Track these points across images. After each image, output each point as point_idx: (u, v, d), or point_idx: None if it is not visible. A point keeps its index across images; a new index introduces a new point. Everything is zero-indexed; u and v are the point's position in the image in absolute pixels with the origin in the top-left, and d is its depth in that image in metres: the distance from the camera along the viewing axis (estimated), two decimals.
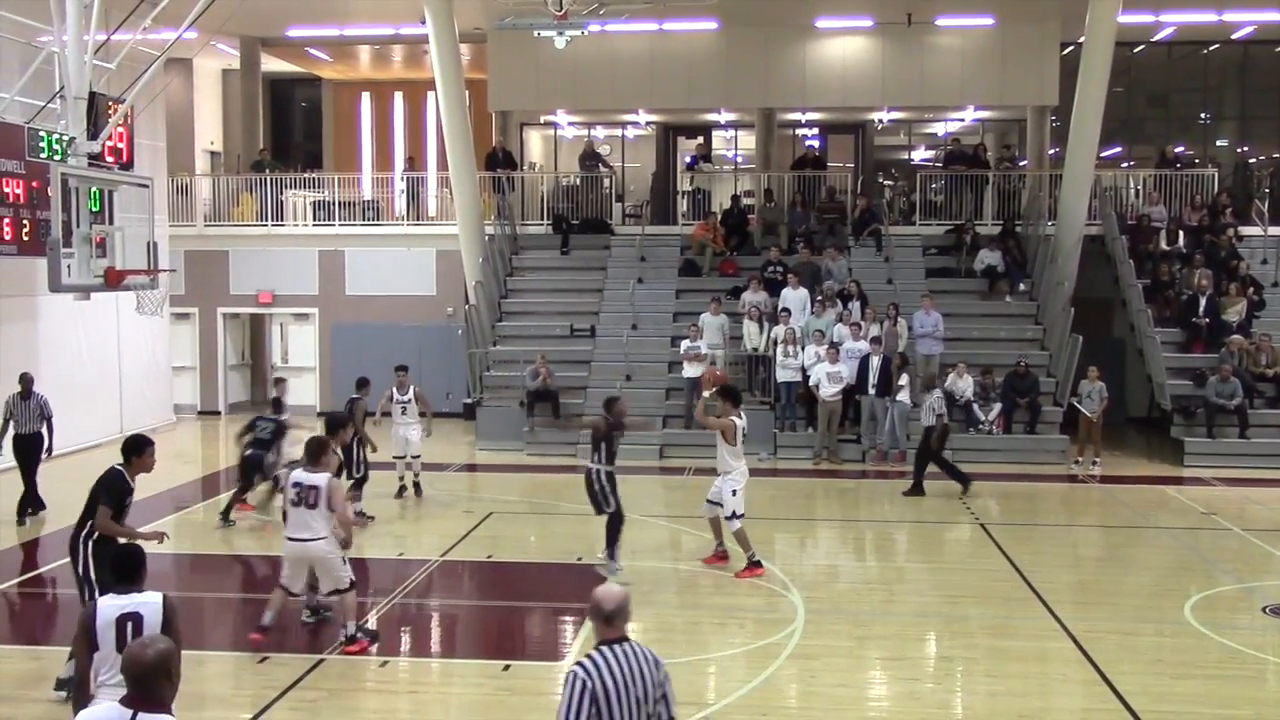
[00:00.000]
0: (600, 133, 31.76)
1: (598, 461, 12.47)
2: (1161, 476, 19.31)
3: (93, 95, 14.18)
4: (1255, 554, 14.30)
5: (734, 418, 12.62)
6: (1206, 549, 14.45)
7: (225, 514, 15.18)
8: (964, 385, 20.41)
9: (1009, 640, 10.68)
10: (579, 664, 5.06)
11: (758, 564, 12.70)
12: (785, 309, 21.22)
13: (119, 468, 8.95)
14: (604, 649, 5.11)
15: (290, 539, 9.99)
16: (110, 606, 6.12)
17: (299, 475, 9.96)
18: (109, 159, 15.04)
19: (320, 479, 9.86)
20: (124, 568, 6.35)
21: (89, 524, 8.97)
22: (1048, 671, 9.96)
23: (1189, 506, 16.97)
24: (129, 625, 6.04)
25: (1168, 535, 15.29)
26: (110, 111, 14.50)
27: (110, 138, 14.58)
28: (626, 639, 5.17)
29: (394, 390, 16.36)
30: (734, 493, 12.66)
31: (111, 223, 15.27)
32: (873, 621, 11.28)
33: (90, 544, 8.95)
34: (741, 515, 12.67)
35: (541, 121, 31.42)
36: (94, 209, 14.53)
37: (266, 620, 10.06)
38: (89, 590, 8.89)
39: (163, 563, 12.85)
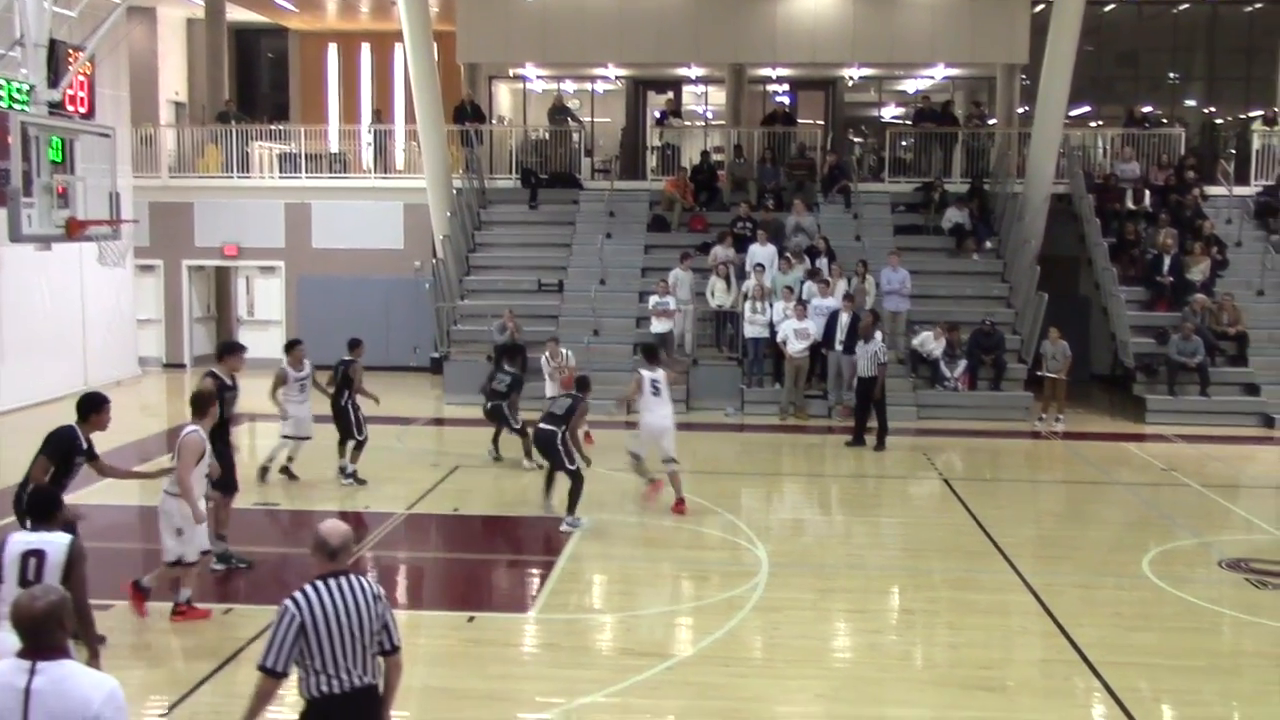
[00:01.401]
0: (569, 86, 31.53)
1: (560, 425, 12.83)
2: (1123, 433, 19.53)
3: (53, 43, 13.94)
4: (1213, 509, 14.53)
5: (641, 370, 13.74)
6: (1166, 504, 14.65)
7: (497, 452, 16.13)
8: (936, 347, 20.54)
9: (970, 593, 10.81)
10: (291, 597, 5.28)
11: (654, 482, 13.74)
12: (758, 264, 21.22)
13: (73, 425, 8.84)
14: (319, 583, 5.32)
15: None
16: (19, 541, 6.22)
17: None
18: (70, 108, 14.83)
19: (186, 429, 9.52)
20: (38, 506, 6.41)
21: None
22: (1008, 624, 10.10)
23: (1149, 463, 17.19)
24: (32, 561, 6.11)
25: (1128, 491, 15.48)
26: (71, 59, 14.28)
27: (71, 86, 14.36)
28: (346, 573, 5.37)
29: (288, 368, 14.55)
30: (635, 437, 13.93)
31: (73, 173, 15.08)
32: (836, 575, 11.39)
33: None
34: (637, 454, 13.72)
35: (510, 75, 31.16)
36: (55, 159, 14.32)
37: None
38: None
39: (126, 514, 12.82)
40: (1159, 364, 20.50)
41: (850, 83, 31.42)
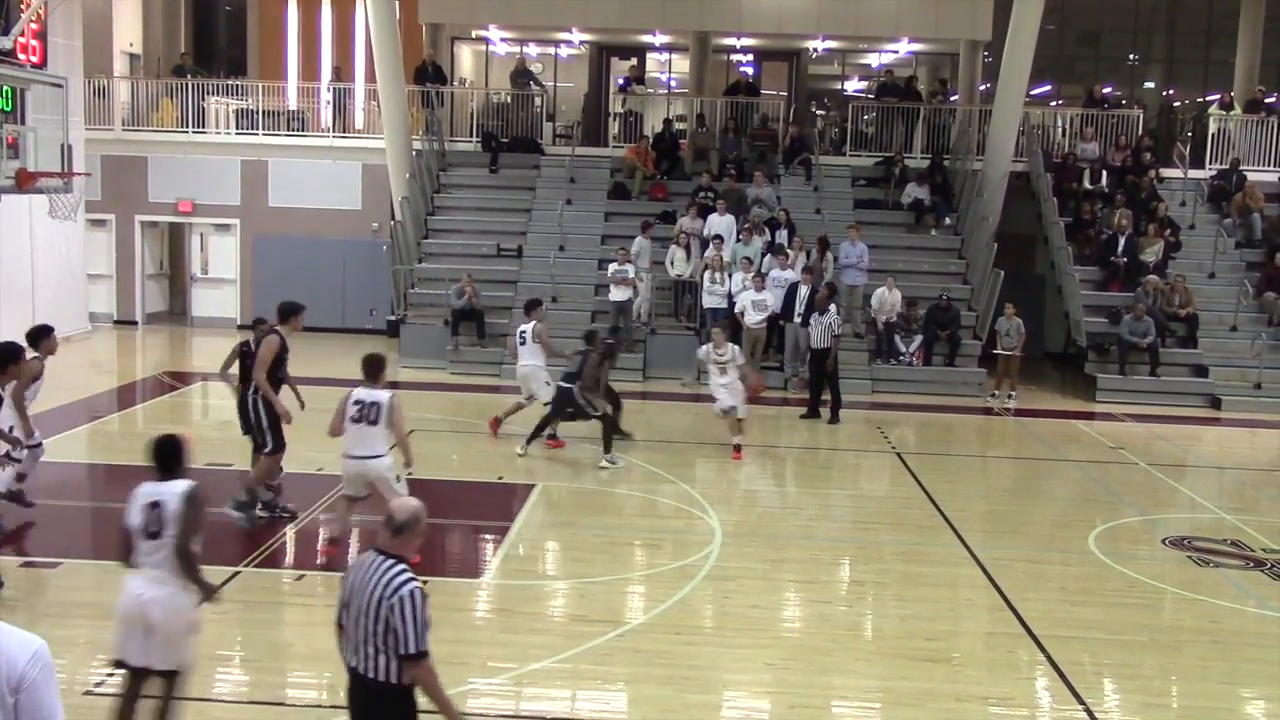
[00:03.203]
0: (533, 50, 31.29)
1: (575, 382, 14.16)
2: (1074, 411, 19.77)
3: None
4: (1159, 488, 14.76)
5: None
6: (1113, 482, 14.85)
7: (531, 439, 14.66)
8: (891, 298, 20.65)
9: (919, 566, 10.93)
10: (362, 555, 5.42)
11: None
12: (718, 235, 21.21)
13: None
14: (370, 553, 5.36)
15: (349, 456, 10.01)
16: (145, 490, 6.41)
17: (360, 393, 9.89)
18: (21, 56, 14.59)
19: (382, 395, 9.85)
20: (160, 457, 6.50)
21: None
22: (955, 597, 10.23)
23: (1098, 441, 17.41)
24: (152, 510, 6.30)
25: (1076, 468, 15.68)
26: (23, 7, 14.03)
27: (23, 34, 14.13)
28: (391, 557, 5.28)
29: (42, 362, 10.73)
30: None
31: (24, 123, 14.84)
32: (788, 545, 11.47)
33: None
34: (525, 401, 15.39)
35: (473, 36, 30.87)
36: (5, 108, 14.11)
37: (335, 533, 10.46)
38: None
39: (74, 472, 12.68)
40: (1111, 343, 20.74)
41: (814, 55, 31.39)
